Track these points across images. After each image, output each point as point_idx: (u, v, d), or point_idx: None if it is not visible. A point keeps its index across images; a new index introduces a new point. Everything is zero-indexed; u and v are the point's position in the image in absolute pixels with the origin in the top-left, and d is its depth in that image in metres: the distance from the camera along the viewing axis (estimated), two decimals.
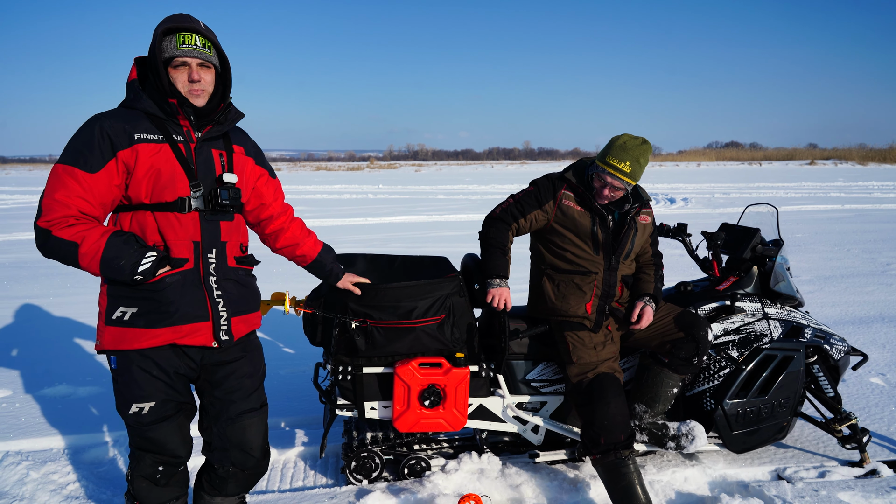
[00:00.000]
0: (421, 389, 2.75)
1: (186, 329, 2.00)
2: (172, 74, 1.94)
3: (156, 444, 2.11)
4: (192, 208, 1.97)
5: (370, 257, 3.02)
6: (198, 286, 2.01)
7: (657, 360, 2.90)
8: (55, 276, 7.64)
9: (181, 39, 1.91)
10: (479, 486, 2.81)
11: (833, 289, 6.69)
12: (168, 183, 1.94)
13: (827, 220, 13.14)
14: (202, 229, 2.00)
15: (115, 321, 1.97)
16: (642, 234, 2.88)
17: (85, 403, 3.80)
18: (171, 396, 2.08)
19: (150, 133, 1.94)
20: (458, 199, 19.86)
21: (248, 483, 2.29)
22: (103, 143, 1.88)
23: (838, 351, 3.14)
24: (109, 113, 1.95)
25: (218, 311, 2.05)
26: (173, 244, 1.97)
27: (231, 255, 2.09)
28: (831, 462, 3.13)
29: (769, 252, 3.13)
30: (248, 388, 2.18)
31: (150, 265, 1.89)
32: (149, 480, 2.16)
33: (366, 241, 10.35)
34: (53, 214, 1.86)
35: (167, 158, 1.94)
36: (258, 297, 2.24)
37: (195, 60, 1.94)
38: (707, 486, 2.96)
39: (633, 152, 2.66)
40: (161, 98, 1.94)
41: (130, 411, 2.05)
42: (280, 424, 3.58)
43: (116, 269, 1.87)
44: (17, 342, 5.00)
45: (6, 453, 3.00)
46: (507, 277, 2.81)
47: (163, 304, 1.96)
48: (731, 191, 21.52)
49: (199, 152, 2.02)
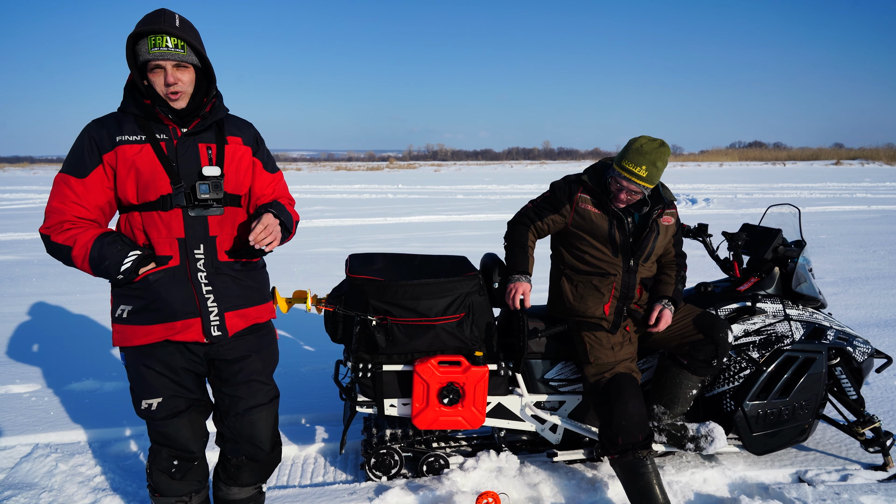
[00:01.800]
0: (440, 387, 2.77)
1: (178, 325, 2.03)
2: (151, 78, 1.94)
3: (169, 439, 2.16)
4: (174, 205, 1.99)
5: (390, 256, 3.05)
6: (185, 282, 2.03)
7: (676, 362, 2.89)
8: (82, 273, 7.73)
9: (152, 42, 1.89)
10: (497, 484, 2.83)
11: (858, 291, 6.59)
12: (150, 182, 1.97)
13: (853, 220, 12.90)
14: (186, 226, 2.01)
15: (118, 319, 2.06)
16: (664, 235, 2.85)
17: (111, 398, 3.89)
18: (179, 393, 2.12)
19: (132, 134, 1.98)
20: (478, 198, 19.85)
21: (262, 473, 2.34)
22: (91, 149, 1.97)
23: (861, 353, 3.10)
24: (100, 119, 2.03)
25: (207, 306, 2.05)
26: (157, 242, 2.01)
27: (222, 250, 2.08)
28: (854, 465, 3.09)
29: (791, 253, 3.10)
30: (256, 384, 2.20)
31: (130, 264, 1.96)
32: (165, 474, 2.22)
33: (385, 241, 10.40)
34: (51, 220, 1.97)
35: (148, 158, 1.97)
36: (261, 291, 2.22)
37: (169, 63, 1.92)
38: (726, 487, 2.94)
39: (651, 156, 2.62)
40: (141, 99, 1.97)
41: (141, 407, 2.12)
42: (300, 421, 3.62)
43: (103, 268, 1.96)
44: (46, 338, 5.12)
45: (35, 446, 3.08)
46: (530, 274, 2.82)
47: (153, 302, 2.01)
48: (754, 191, 21.23)
49: (183, 148, 2.01)
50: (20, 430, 3.41)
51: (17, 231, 12.07)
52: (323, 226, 12.90)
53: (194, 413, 2.19)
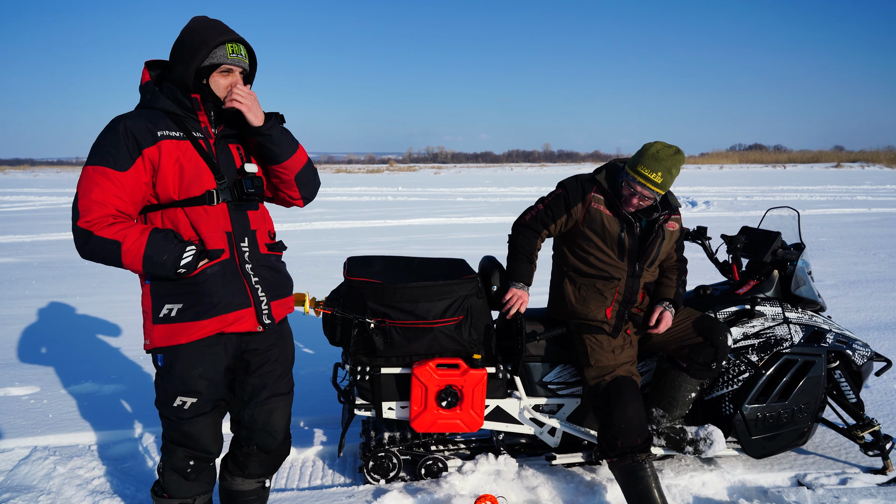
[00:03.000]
0: (438, 390, 2.77)
1: (232, 317, 2.07)
2: (215, 78, 2.02)
3: (190, 439, 2.17)
4: (221, 200, 2.04)
5: (388, 259, 3.05)
6: (236, 275, 2.08)
7: (675, 365, 2.89)
8: (81, 276, 7.80)
9: (231, 49, 2.02)
10: (496, 487, 2.82)
11: (858, 294, 6.58)
12: (194, 178, 2.01)
13: (853, 223, 12.89)
14: (232, 220, 2.08)
15: (163, 319, 2.03)
16: (669, 241, 2.84)
17: (110, 400, 3.89)
18: (212, 394, 2.15)
19: (171, 130, 2.01)
20: (478, 201, 19.86)
21: (270, 465, 2.35)
22: (129, 142, 1.95)
23: (861, 356, 3.10)
24: (130, 114, 2.02)
25: (258, 296, 2.12)
26: (208, 237, 2.03)
27: (262, 243, 2.17)
28: (853, 469, 3.09)
29: (790, 256, 3.09)
30: (278, 372, 2.26)
31: (191, 258, 1.97)
32: (179, 474, 2.22)
33: (385, 243, 10.40)
34: (93, 215, 1.91)
35: (190, 154, 2.02)
36: (291, 282, 2.30)
37: (238, 69, 2.05)
38: (725, 491, 2.93)
39: (666, 163, 2.61)
40: (184, 94, 2.01)
41: (174, 404, 2.11)
42: (299, 424, 3.62)
43: (159, 264, 1.94)
44: (45, 340, 5.12)
45: (34, 448, 3.07)
46: (530, 284, 2.85)
47: (206, 296, 2.02)
48: (755, 194, 21.23)
49: (219, 146, 2.10)
50: (19, 432, 3.41)
51: (17, 234, 12.08)
52: (322, 228, 12.90)
53: (216, 414, 2.22)
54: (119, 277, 7.63)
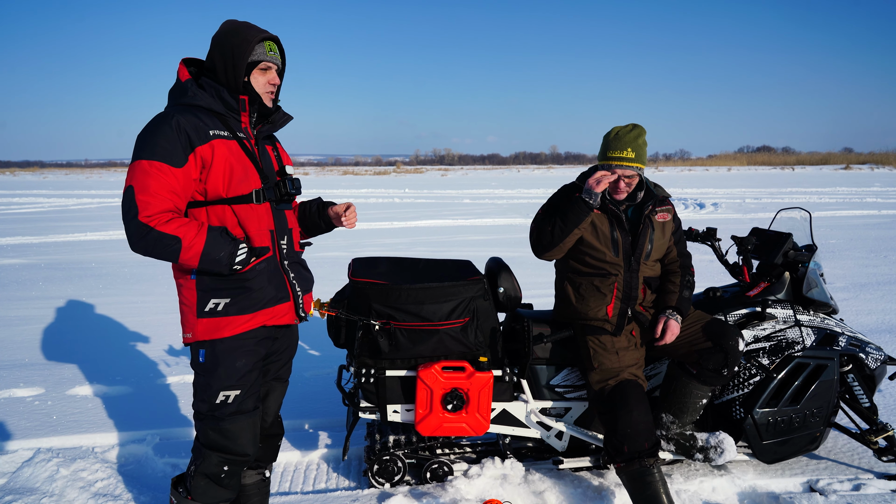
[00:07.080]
0: (444, 393, 2.73)
1: (276, 311, 2.17)
2: (255, 75, 2.10)
3: (229, 438, 2.16)
4: (265, 199, 2.11)
5: (393, 260, 3.02)
6: (278, 271, 2.18)
7: (685, 371, 2.83)
8: (88, 277, 7.82)
9: (269, 47, 2.11)
10: (502, 491, 2.79)
11: (869, 296, 6.51)
12: (243, 178, 2.07)
13: (863, 225, 12.80)
14: (275, 219, 2.17)
15: (209, 313, 2.07)
16: (662, 233, 2.82)
17: (114, 403, 3.88)
18: (254, 387, 2.19)
19: (219, 129, 2.06)
20: (484, 203, 19.84)
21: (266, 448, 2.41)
22: (181, 139, 1.97)
23: (874, 360, 3.05)
24: (180, 109, 2.02)
25: (296, 290, 2.23)
26: (255, 235, 2.10)
27: (296, 241, 2.29)
28: (866, 475, 3.03)
29: (801, 257, 3.05)
30: (283, 360, 2.37)
31: (244, 255, 2.04)
32: (210, 479, 2.20)
33: (391, 245, 10.39)
34: (153, 210, 1.93)
35: (238, 154, 2.08)
36: (313, 277, 2.40)
37: (274, 66, 2.14)
38: (736, 497, 2.89)
39: (629, 137, 2.68)
40: (231, 94, 2.07)
41: (217, 401, 2.12)
42: (303, 426, 3.60)
43: (216, 260, 1.98)
44: (51, 341, 5.12)
45: (37, 450, 3.06)
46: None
47: (254, 292, 2.10)
48: (763, 196, 21.13)
49: (260, 147, 2.18)
50: (22, 434, 3.40)
51: (25, 235, 12.15)
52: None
53: (256, 416, 2.23)
54: (126, 279, 7.65)
